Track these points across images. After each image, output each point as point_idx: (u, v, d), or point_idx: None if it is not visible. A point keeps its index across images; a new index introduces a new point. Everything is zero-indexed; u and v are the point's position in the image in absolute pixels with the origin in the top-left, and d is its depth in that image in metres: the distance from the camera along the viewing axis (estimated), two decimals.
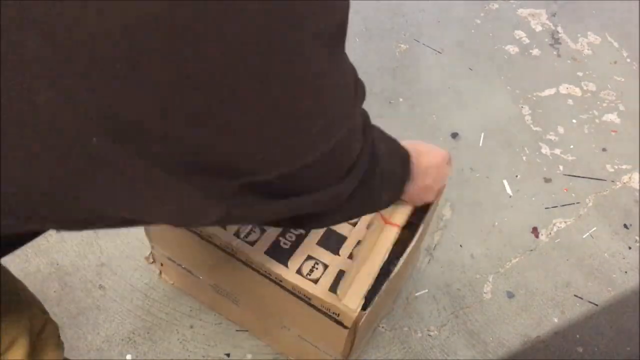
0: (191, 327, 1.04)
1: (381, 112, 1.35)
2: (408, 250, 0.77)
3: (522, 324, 1.10)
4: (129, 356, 1.00)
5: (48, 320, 0.57)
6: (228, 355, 1.01)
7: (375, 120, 0.50)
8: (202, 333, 1.03)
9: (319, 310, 0.74)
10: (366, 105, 0.45)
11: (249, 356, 1.02)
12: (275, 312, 0.88)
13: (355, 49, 1.49)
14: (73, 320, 1.04)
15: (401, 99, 1.40)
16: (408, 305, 1.10)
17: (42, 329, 0.55)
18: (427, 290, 1.12)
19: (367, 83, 0.43)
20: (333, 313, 0.72)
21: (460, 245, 1.19)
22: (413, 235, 0.80)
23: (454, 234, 1.20)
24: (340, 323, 0.73)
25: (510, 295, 1.13)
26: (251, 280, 0.80)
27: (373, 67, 1.45)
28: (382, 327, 1.07)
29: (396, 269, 0.75)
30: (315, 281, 0.73)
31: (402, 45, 1.52)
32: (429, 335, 1.07)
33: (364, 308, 0.70)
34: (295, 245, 0.78)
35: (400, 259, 0.77)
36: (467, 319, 1.09)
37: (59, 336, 0.58)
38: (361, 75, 0.42)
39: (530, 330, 1.10)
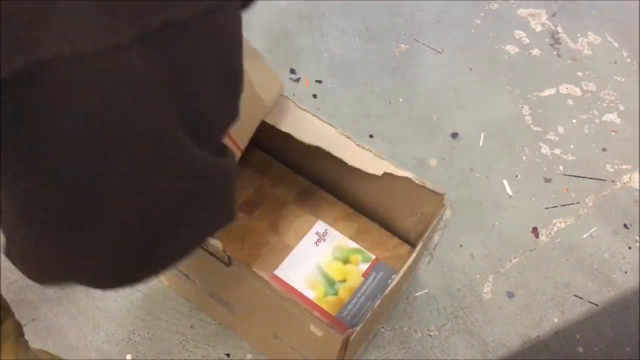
0: (191, 327, 1.04)
1: (381, 112, 1.35)
2: (404, 267, 0.77)
3: (522, 324, 1.10)
4: (129, 356, 1.01)
5: (8, 317, 0.55)
6: (228, 355, 1.01)
7: (375, 120, 0.50)
8: (202, 333, 1.03)
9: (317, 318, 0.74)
10: (366, 105, 0.44)
11: (249, 356, 1.02)
12: (268, 323, 0.88)
13: (355, 49, 1.49)
14: (73, 320, 1.04)
15: (401, 99, 1.40)
16: (408, 305, 1.10)
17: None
18: (427, 290, 1.12)
19: (367, 83, 0.43)
20: (322, 332, 0.72)
21: (460, 245, 1.19)
22: (412, 252, 0.81)
23: (454, 234, 1.20)
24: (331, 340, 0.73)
25: (510, 295, 1.13)
26: (245, 289, 0.81)
27: (373, 67, 1.45)
28: (382, 327, 1.07)
29: (391, 286, 0.75)
30: None
31: (402, 45, 1.52)
32: (429, 335, 1.07)
33: (355, 325, 0.70)
34: None
35: (396, 276, 0.77)
36: (467, 319, 1.10)
37: (19, 335, 0.57)
38: (361, 75, 0.41)
39: (530, 330, 1.10)
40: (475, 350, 1.06)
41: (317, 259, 0.94)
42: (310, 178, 1.03)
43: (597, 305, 1.14)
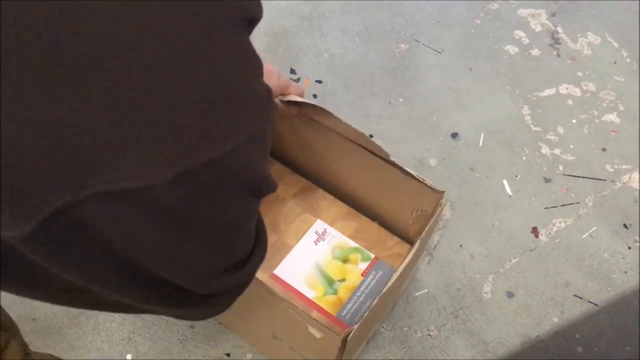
0: (191, 327, 1.04)
1: (381, 112, 1.35)
2: (402, 265, 0.77)
3: (522, 324, 1.10)
4: (129, 356, 1.01)
5: (13, 340, 0.55)
6: (228, 355, 1.01)
7: (375, 120, 0.49)
8: (202, 333, 1.03)
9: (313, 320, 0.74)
10: (366, 105, 0.44)
11: (249, 356, 1.02)
12: (266, 323, 0.88)
13: (355, 49, 1.49)
14: (73, 320, 1.04)
15: (401, 99, 1.40)
16: (408, 305, 1.10)
17: (3, 348, 0.54)
18: (427, 290, 1.12)
19: (367, 83, 0.43)
20: (320, 334, 0.72)
21: (460, 245, 1.19)
22: (410, 250, 0.80)
23: (454, 234, 1.20)
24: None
25: (510, 295, 1.13)
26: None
27: (373, 67, 1.45)
28: (382, 327, 1.07)
29: (389, 284, 0.75)
30: None
31: (402, 45, 1.52)
32: (429, 335, 1.07)
33: (354, 324, 0.70)
34: None
35: (394, 274, 0.77)
36: (467, 319, 1.10)
37: (25, 356, 0.57)
38: (361, 75, 0.41)
39: (530, 330, 1.10)
40: (475, 350, 1.06)
41: (316, 258, 0.94)
42: (309, 177, 1.03)
43: (597, 305, 1.14)
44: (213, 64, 0.32)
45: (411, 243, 0.98)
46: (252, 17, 0.35)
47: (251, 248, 0.43)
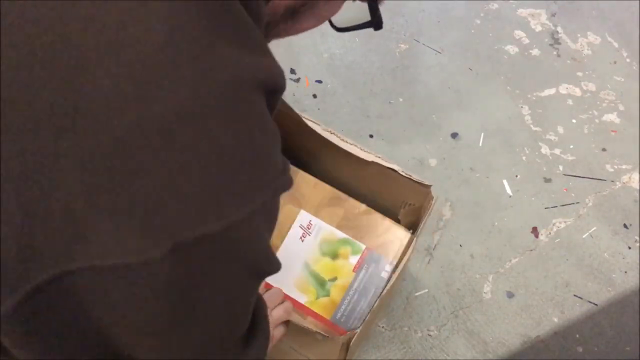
0: None
1: (381, 112, 1.35)
2: (399, 269, 0.77)
3: (522, 323, 1.10)
4: None
5: None
6: None
7: (375, 120, 0.49)
8: None
9: (310, 329, 0.74)
10: (366, 105, 0.44)
11: None
12: None
13: (355, 49, 1.49)
14: None
15: (401, 99, 1.40)
16: (408, 305, 1.10)
17: None
18: (427, 290, 1.12)
19: (367, 83, 0.42)
20: (323, 337, 0.72)
21: (460, 245, 1.19)
22: (403, 236, 0.80)
23: (454, 234, 1.20)
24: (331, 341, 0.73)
25: (510, 295, 1.13)
26: None
27: (373, 67, 1.45)
28: (382, 327, 1.07)
29: (387, 286, 0.75)
30: None
31: (402, 45, 1.52)
32: (429, 335, 1.07)
33: (350, 326, 0.70)
34: None
35: (393, 274, 0.77)
36: (467, 318, 1.09)
37: None
38: (361, 75, 0.40)
39: (530, 330, 1.10)
40: (475, 350, 1.06)
41: (304, 256, 0.88)
42: (287, 155, 1.00)
43: (597, 305, 1.14)
44: (228, 125, 0.30)
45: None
46: (273, 87, 0.33)
47: (245, 331, 0.40)
